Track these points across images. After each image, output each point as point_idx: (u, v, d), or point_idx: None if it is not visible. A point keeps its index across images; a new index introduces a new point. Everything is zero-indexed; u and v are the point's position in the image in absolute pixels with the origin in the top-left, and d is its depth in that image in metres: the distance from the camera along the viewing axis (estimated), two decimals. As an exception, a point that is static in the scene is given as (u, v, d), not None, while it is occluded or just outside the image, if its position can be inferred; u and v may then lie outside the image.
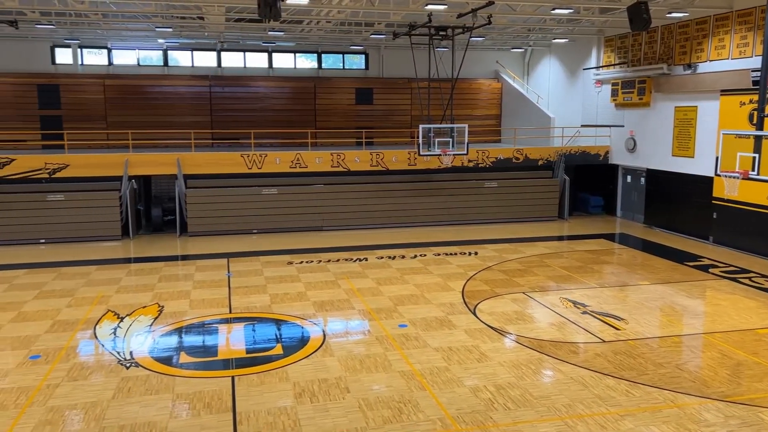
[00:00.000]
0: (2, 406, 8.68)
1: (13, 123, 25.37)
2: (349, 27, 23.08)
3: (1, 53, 24.20)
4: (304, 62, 29.55)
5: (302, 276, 15.87)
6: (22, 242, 19.67)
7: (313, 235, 21.41)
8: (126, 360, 10.40)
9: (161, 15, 20.37)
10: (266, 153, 21.66)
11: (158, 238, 21.05)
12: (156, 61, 27.96)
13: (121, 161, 20.45)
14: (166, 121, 26.71)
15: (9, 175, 19.64)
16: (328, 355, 10.56)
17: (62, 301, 13.65)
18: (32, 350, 10.79)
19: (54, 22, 21.11)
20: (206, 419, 8.33)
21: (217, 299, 13.87)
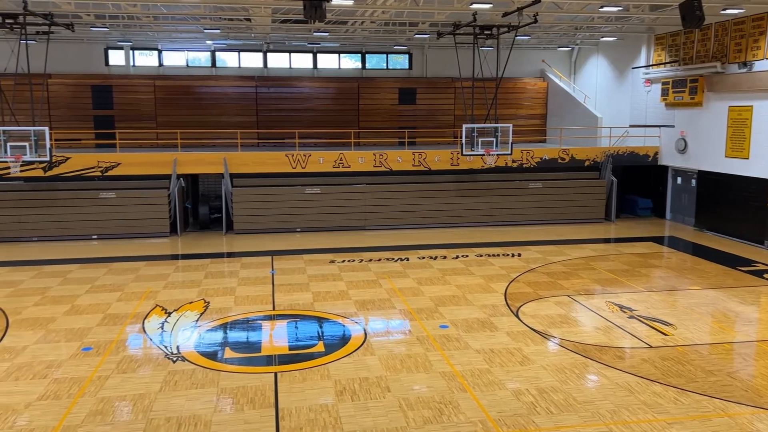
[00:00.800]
0: (56, 395, 9.02)
1: (69, 123, 26.33)
2: (393, 27, 23.12)
3: (57, 55, 25.11)
4: (348, 62, 29.74)
5: (344, 275, 15.98)
6: (75, 238, 20.38)
7: (355, 234, 21.52)
8: (173, 354, 10.66)
9: (210, 17, 20.82)
10: (310, 153, 21.88)
11: (205, 235, 21.51)
12: (204, 62, 28.57)
13: (170, 160, 20.97)
14: (213, 120, 27.28)
15: (64, 173, 20.38)
16: (369, 354, 10.61)
17: (113, 296, 14.09)
18: (84, 342, 11.17)
19: (108, 24, 21.80)
20: (249, 414, 8.47)
21: (261, 296, 14.09)
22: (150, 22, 21.64)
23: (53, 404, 8.73)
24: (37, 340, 11.28)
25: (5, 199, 20.15)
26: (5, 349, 10.86)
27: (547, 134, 29.67)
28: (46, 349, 10.85)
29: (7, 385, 9.37)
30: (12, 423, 8.18)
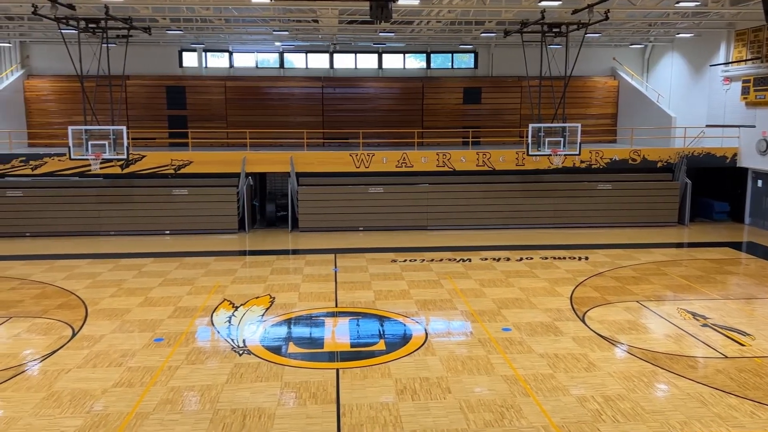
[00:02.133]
0: (129, 383, 9.45)
1: (145, 122, 27.51)
2: (458, 26, 22.97)
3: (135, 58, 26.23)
4: (413, 62, 29.75)
5: (405, 274, 16.00)
6: (150, 233, 21.26)
7: (418, 233, 21.51)
8: (239, 347, 10.96)
9: (278, 19, 21.28)
10: (374, 152, 22.02)
11: (271, 232, 22.02)
12: (273, 63, 29.23)
13: (239, 159, 21.57)
14: (280, 120, 27.87)
15: (140, 171, 21.30)
16: (429, 354, 10.58)
17: (183, 289, 14.62)
18: (156, 333, 11.65)
19: (182, 27, 22.63)
20: (311, 409, 8.62)
21: (324, 293, 14.29)
22: (222, 24, 22.32)
23: (127, 391, 9.14)
24: (113, 329, 11.84)
25: (86, 194, 21.24)
26: (84, 337, 11.45)
27: (617, 134, 28.75)
28: (121, 338, 11.37)
29: (85, 371, 9.89)
30: (89, 408, 8.63)
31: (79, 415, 8.42)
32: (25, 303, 13.49)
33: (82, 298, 13.90)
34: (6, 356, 10.50)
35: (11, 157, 20.99)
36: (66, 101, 27.40)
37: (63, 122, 25.57)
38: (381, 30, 23.36)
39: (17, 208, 20.88)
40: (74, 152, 18.78)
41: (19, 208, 20.90)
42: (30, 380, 9.56)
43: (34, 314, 12.73)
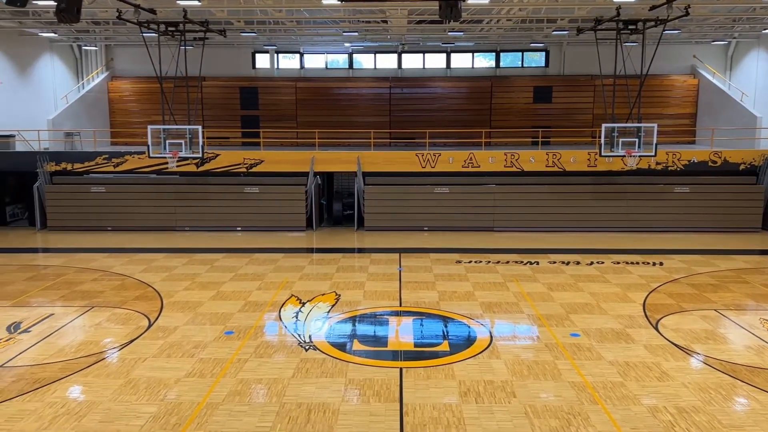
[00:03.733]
0: (201, 374, 9.79)
1: (219, 122, 28.46)
2: (529, 24, 22.55)
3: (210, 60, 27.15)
4: (481, 61, 29.45)
5: (470, 275, 15.86)
6: (222, 229, 21.97)
7: (483, 235, 21.27)
8: (305, 343, 11.17)
9: (348, 20, 21.53)
10: (440, 152, 21.94)
11: (337, 231, 22.31)
12: (342, 64, 29.60)
13: (308, 158, 21.97)
14: (348, 120, 28.21)
15: (214, 169, 22.05)
16: (494, 357, 10.45)
17: (253, 284, 15.02)
18: (227, 326, 12.03)
19: (255, 29, 23.26)
20: (375, 407, 8.68)
21: (389, 292, 14.36)
22: (293, 26, 22.80)
23: (198, 382, 9.49)
24: (187, 321, 12.31)
25: (163, 191, 22.17)
26: (159, 328, 11.96)
27: (696, 135, 27.49)
28: (194, 330, 11.81)
29: (160, 361, 10.33)
30: (163, 396, 9.00)
31: (153, 402, 8.80)
32: (106, 294, 14.22)
33: (158, 290, 14.52)
34: (88, 343, 11.10)
35: (95, 155, 22.18)
36: (146, 101, 28.72)
37: (143, 122, 26.80)
38: (450, 29, 23.24)
39: (100, 203, 22.03)
40: (153, 150, 19.65)
41: (101, 203, 22.04)
42: (109, 367, 10.07)
43: (114, 305, 13.41)
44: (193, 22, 19.57)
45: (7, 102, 23.43)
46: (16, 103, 24.03)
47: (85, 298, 13.89)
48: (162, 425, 8.12)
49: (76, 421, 8.23)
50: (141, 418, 8.30)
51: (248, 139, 27.76)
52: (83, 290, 14.48)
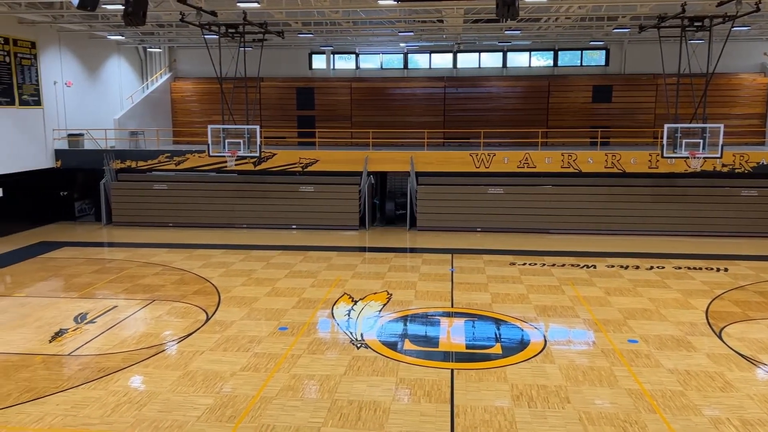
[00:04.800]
0: (255, 368, 10.01)
1: (276, 122, 28.99)
2: (589, 22, 22.04)
3: (268, 61, 27.67)
4: (539, 60, 28.98)
5: (524, 278, 15.63)
6: (278, 227, 22.36)
7: (538, 237, 20.93)
8: (357, 341, 11.26)
9: (404, 20, 21.56)
10: (495, 152, 21.71)
11: (390, 230, 22.38)
12: (397, 64, 29.66)
13: (362, 158, 22.12)
14: (402, 120, 28.24)
15: (271, 168, 22.48)
16: (548, 362, 10.27)
17: (307, 281, 15.25)
18: (281, 322, 12.24)
19: (312, 30, 23.58)
20: (425, 407, 8.67)
21: (440, 292, 14.31)
22: (349, 27, 22.99)
23: (253, 376, 9.70)
24: (243, 316, 12.60)
25: (222, 189, 22.75)
26: (216, 322, 12.29)
27: (766, 136, 26.26)
28: (249, 325, 12.08)
29: (217, 354, 10.61)
30: (219, 388, 9.25)
31: (209, 394, 9.05)
32: (167, 288, 14.71)
33: (216, 285, 14.91)
34: (149, 336, 11.51)
35: (158, 153, 22.97)
36: (206, 102, 29.53)
37: (203, 121, 27.57)
38: (507, 28, 22.96)
39: (162, 200, 22.79)
40: (213, 149, 20.23)
41: (163, 200, 22.79)
42: (168, 359, 10.41)
43: (173, 298, 13.85)
44: (253, 24, 20.01)
45: (77, 102, 24.55)
46: (86, 103, 25.14)
47: (146, 291, 14.41)
48: (218, 417, 8.34)
49: (137, 409, 8.55)
50: (198, 410, 8.55)
51: (304, 138, 28.17)
52: (145, 284, 15.03)
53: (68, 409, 8.57)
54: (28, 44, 21.59)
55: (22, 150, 21.49)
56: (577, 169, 21.36)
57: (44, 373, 9.78)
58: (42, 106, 22.42)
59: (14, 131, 21.09)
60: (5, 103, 20.58)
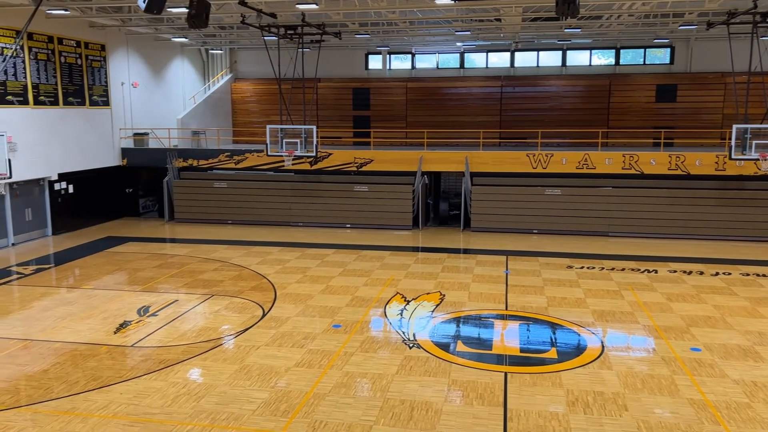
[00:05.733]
0: (309, 364, 10.15)
1: (332, 122, 29.32)
2: (653, 19, 21.33)
3: (326, 61, 28.04)
4: (599, 59, 28.27)
5: (582, 282, 15.27)
6: (332, 225, 22.61)
7: (597, 240, 20.41)
8: (409, 340, 11.26)
9: (461, 20, 21.43)
10: (552, 152, 21.31)
11: (443, 230, 22.28)
12: (453, 63, 29.50)
13: (416, 158, 22.11)
14: (458, 120, 28.08)
15: (326, 167, 22.75)
16: (605, 368, 10.01)
17: (360, 280, 15.36)
18: (335, 320, 12.38)
19: (369, 31, 23.72)
20: (478, 409, 8.59)
21: (494, 294, 14.15)
22: (406, 27, 23.02)
23: (307, 372, 9.84)
24: (297, 313, 12.80)
25: (279, 188, 23.17)
26: (272, 318, 12.53)
27: None
28: (303, 322, 12.26)
29: (272, 349, 10.82)
30: (274, 383, 9.42)
31: (265, 389, 9.23)
32: (225, 283, 15.10)
33: (272, 282, 15.21)
34: (208, 330, 11.84)
35: (218, 152, 23.60)
36: (265, 102, 30.16)
37: (262, 121, 28.18)
38: (566, 26, 22.49)
39: (222, 198, 23.40)
40: (271, 149, 20.64)
41: (223, 198, 23.40)
42: (226, 353, 10.68)
43: (231, 294, 14.21)
44: (311, 25, 20.29)
45: (143, 103, 25.50)
46: (151, 103, 26.08)
47: (206, 286, 14.83)
48: (272, 411, 8.51)
49: (195, 401, 8.81)
50: (253, 403, 8.74)
51: (359, 138, 28.38)
52: (205, 279, 15.47)
53: (131, 398, 8.91)
54: (98, 47, 22.57)
55: (92, 148, 22.48)
56: (638, 171, 20.73)
57: (109, 362, 10.20)
58: (110, 106, 23.39)
59: (84, 131, 22.08)
60: (76, 103, 21.58)
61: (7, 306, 13.30)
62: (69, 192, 21.49)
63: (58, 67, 20.62)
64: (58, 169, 20.89)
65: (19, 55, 19.00)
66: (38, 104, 19.82)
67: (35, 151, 19.73)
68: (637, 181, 21.00)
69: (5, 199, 18.99)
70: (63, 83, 20.86)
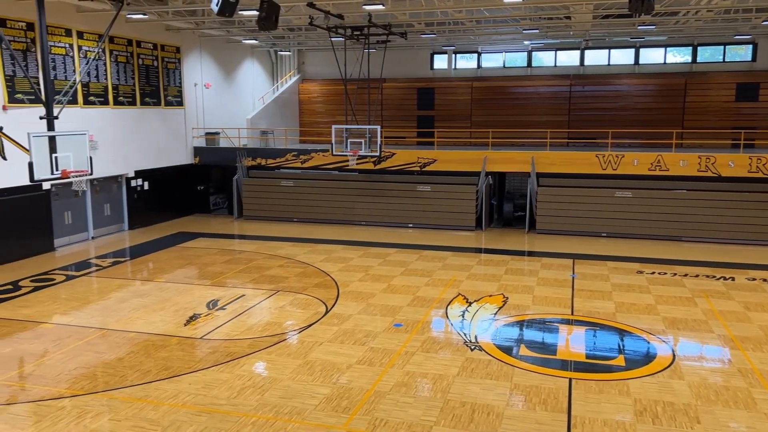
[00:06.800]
0: (370, 362, 10.23)
1: (396, 122, 29.41)
2: (734, 14, 20.30)
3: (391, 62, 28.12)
4: (675, 57, 27.17)
5: (653, 288, 14.73)
6: (395, 225, 22.68)
7: (669, 244, 19.62)
8: (471, 342, 11.17)
9: (529, 18, 21.06)
10: (623, 153, 20.64)
11: (507, 232, 21.96)
12: (520, 62, 29.04)
13: (481, 158, 21.89)
14: (523, 120, 27.62)
15: (390, 167, 22.85)
16: (676, 378, 9.62)
17: (422, 280, 15.34)
18: (396, 319, 12.42)
19: (435, 31, 23.66)
20: (541, 415, 8.43)
21: (560, 299, 13.84)
22: (472, 26, 22.83)
23: (368, 369, 9.92)
24: (359, 311, 12.92)
25: (343, 187, 23.44)
26: (335, 315, 12.69)
27: None
28: (365, 320, 12.36)
29: (334, 346, 10.96)
30: (336, 380, 9.55)
31: (327, 384, 9.37)
32: (290, 280, 15.41)
33: (335, 279, 15.41)
34: (273, 324, 12.12)
35: (285, 152, 24.11)
36: (331, 102, 30.58)
37: (327, 121, 28.58)
38: (640, 23, 21.72)
39: (288, 196, 23.88)
40: (336, 148, 20.92)
41: (289, 196, 23.88)
42: (290, 348, 10.91)
43: (296, 290, 14.49)
44: (377, 26, 20.42)
45: (215, 103, 26.35)
46: (221, 103, 26.92)
47: (272, 282, 15.18)
48: (334, 407, 8.62)
49: (260, 394, 9.04)
50: (316, 398, 8.89)
51: (422, 138, 28.34)
52: (271, 275, 15.84)
53: (199, 388, 9.23)
54: (173, 49, 23.48)
55: (166, 147, 23.42)
56: (715, 173, 19.80)
57: (179, 353, 10.61)
58: (183, 106, 24.29)
59: (159, 130, 23.02)
60: (152, 103, 22.52)
61: (87, 296, 14.04)
62: (144, 189, 22.47)
63: (136, 68, 21.57)
64: (134, 167, 21.88)
65: (101, 58, 20.01)
66: (117, 104, 20.81)
67: (114, 149, 20.73)
68: (713, 184, 20.07)
69: (86, 195, 20.04)
70: (140, 84, 21.82)
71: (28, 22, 17.05)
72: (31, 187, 16.79)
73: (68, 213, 19.44)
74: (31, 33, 17.18)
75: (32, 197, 17.57)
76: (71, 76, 18.69)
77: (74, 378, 9.57)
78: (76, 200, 19.72)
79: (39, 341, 11.18)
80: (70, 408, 8.59)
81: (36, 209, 17.82)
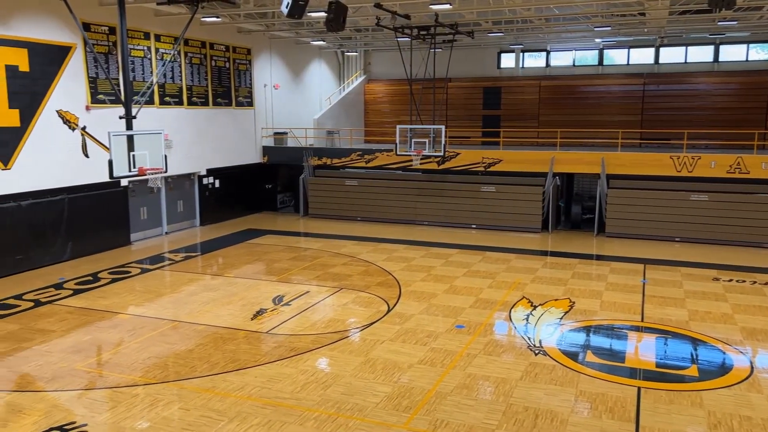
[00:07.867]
0: (432, 363, 10.20)
1: (461, 122, 29.22)
2: (826, 7, 19.06)
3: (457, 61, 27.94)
4: (758, 53, 25.77)
5: (730, 296, 14.03)
6: (458, 225, 22.53)
7: (749, 251, 18.64)
8: (535, 346, 10.96)
9: (601, 15, 20.46)
10: (700, 155, 19.75)
11: (575, 235, 21.42)
12: (591, 60, 28.26)
13: (548, 158, 21.44)
14: (593, 120, 26.88)
15: (454, 167, 22.71)
16: (754, 391, 9.13)
17: (485, 282, 15.18)
18: (458, 320, 12.34)
19: (503, 30, 23.34)
20: (607, 423, 8.19)
21: (629, 305, 13.39)
22: (541, 24, 22.39)
23: (429, 370, 9.90)
24: (421, 311, 12.91)
25: (407, 187, 23.47)
26: (397, 314, 12.73)
27: None
28: (427, 320, 12.34)
29: (396, 345, 11.00)
30: (397, 378, 9.58)
31: (388, 383, 9.41)
32: (353, 278, 15.57)
33: (397, 278, 15.46)
34: (336, 321, 12.28)
35: (351, 151, 24.36)
36: (396, 102, 30.68)
37: (392, 121, 28.70)
38: (720, 19, 20.73)
39: (352, 195, 24.13)
40: (400, 148, 20.98)
41: (354, 195, 24.12)
42: (352, 345, 11.02)
43: (359, 288, 14.62)
44: (444, 25, 20.34)
45: (283, 103, 26.93)
46: (290, 104, 27.48)
47: (335, 279, 15.38)
48: (395, 406, 8.65)
49: (322, 389, 9.17)
50: (377, 396, 8.94)
51: (488, 138, 28.02)
52: (334, 272, 16.05)
53: (264, 382, 9.46)
54: (244, 51, 24.15)
55: (236, 146, 24.11)
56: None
57: (246, 347, 10.90)
58: (253, 106, 24.94)
59: (230, 130, 23.73)
60: (224, 104, 23.23)
61: (160, 289, 14.65)
62: (215, 186, 23.22)
63: (209, 70, 22.31)
64: (206, 165, 22.64)
65: (176, 60, 20.80)
66: (191, 105, 21.58)
67: (187, 148, 21.50)
68: (799, 188, 18.94)
69: (161, 191, 20.90)
70: (213, 85, 22.55)
71: (110, 26, 17.93)
72: (110, 184, 17.68)
73: (144, 209, 20.33)
74: (112, 36, 18.06)
75: (111, 193, 18.47)
76: (148, 78, 19.52)
77: (147, 367, 10.00)
78: (151, 197, 20.60)
79: (115, 330, 11.75)
80: (144, 395, 8.98)
81: (114, 205, 18.72)
